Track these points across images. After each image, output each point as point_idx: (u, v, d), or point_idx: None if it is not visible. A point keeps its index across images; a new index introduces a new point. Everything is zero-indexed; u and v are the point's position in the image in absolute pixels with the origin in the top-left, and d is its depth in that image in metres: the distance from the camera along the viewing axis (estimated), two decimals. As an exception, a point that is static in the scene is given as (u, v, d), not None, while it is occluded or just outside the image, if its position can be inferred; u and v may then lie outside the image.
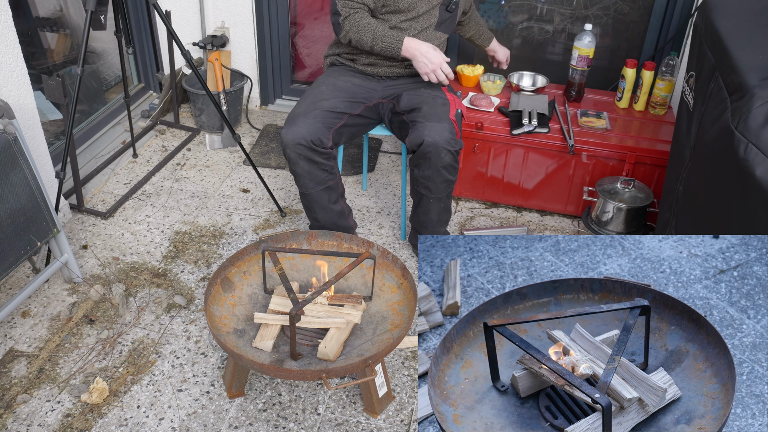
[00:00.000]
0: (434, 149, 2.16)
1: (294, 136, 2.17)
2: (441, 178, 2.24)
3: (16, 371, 2.02)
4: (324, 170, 2.26)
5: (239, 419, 1.90)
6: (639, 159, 2.61)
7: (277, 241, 2.11)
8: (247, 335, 1.89)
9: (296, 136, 2.16)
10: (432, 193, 2.30)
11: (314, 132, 2.17)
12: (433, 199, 2.32)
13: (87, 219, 2.71)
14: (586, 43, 2.79)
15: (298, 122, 2.19)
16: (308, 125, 2.18)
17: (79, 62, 2.34)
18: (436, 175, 2.23)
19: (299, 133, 2.17)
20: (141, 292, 2.34)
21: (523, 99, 2.84)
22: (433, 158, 2.18)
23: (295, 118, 2.21)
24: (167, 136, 3.32)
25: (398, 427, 1.89)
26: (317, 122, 2.20)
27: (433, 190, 2.29)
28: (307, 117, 2.20)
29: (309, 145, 2.17)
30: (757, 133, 1.46)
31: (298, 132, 2.17)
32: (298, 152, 2.18)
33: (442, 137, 2.15)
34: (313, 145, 2.17)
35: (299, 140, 2.16)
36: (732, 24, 1.85)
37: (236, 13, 3.32)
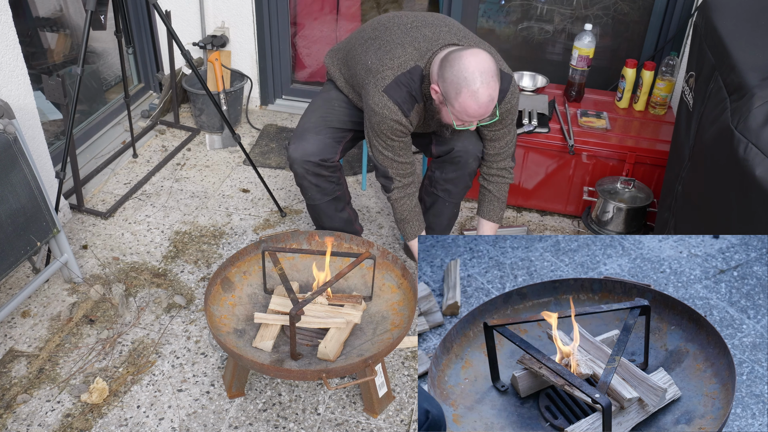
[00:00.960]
0: (464, 155, 2.15)
1: (303, 153, 2.13)
2: (463, 183, 2.24)
3: (16, 371, 2.02)
4: (331, 182, 2.23)
5: (239, 419, 1.90)
6: (639, 159, 2.61)
7: (277, 241, 2.11)
8: (247, 335, 1.89)
9: (305, 153, 2.13)
10: (450, 197, 2.29)
11: (323, 149, 2.14)
12: (449, 202, 2.31)
13: (87, 219, 2.71)
14: (586, 43, 2.79)
15: (307, 138, 2.14)
16: (317, 142, 2.14)
17: (79, 62, 2.34)
18: (459, 180, 2.22)
19: (308, 149, 2.13)
20: (141, 292, 2.34)
21: (523, 99, 2.84)
22: (461, 164, 2.17)
23: (304, 134, 2.16)
24: (167, 136, 3.32)
25: (398, 427, 1.89)
26: (326, 138, 2.16)
27: (453, 193, 2.27)
28: (317, 133, 2.15)
29: (317, 161, 2.14)
30: (757, 133, 1.46)
31: (307, 148, 2.13)
32: (306, 168, 2.15)
33: (472, 144, 2.14)
34: (321, 161, 2.14)
35: (308, 157, 2.13)
36: (732, 24, 1.85)
37: (236, 13, 3.32)
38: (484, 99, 1.78)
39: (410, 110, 1.97)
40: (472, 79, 1.76)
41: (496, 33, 3.24)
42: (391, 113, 1.95)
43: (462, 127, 1.89)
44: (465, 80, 1.76)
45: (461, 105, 1.80)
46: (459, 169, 2.19)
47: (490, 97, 1.79)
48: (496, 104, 1.86)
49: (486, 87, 1.77)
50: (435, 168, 2.26)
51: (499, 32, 3.24)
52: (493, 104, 1.83)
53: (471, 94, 1.77)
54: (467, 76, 1.76)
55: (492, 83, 1.78)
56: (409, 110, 1.97)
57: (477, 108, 1.80)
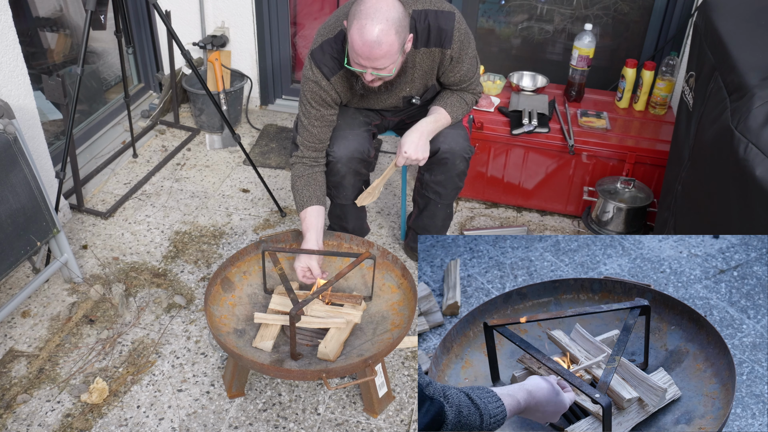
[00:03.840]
0: (451, 156, 2.13)
1: (348, 150, 2.10)
2: (453, 184, 2.23)
3: (16, 371, 2.02)
4: (365, 179, 2.25)
5: (239, 419, 1.90)
6: (639, 159, 2.61)
7: (277, 241, 2.11)
8: (247, 335, 1.89)
9: (350, 150, 2.10)
10: (441, 199, 2.28)
11: (362, 143, 2.13)
12: (441, 204, 2.31)
13: (87, 219, 2.71)
14: (586, 43, 2.79)
15: (347, 136, 2.12)
16: (357, 137, 2.13)
17: (79, 62, 2.34)
18: (448, 182, 2.21)
19: (351, 146, 2.11)
20: (141, 292, 2.34)
21: (523, 99, 2.84)
22: (448, 165, 2.16)
23: (342, 132, 2.13)
24: (167, 136, 3.32)
25: (398, 427, 1.89)
26: (363, 133, 2.15)
27: (443, 195, 2.27)
28: (353, 129, 2.14)
29: (361, 158, 2.13)
30: (757, 133, 1.46)
31: (351, 146, 2.11)
32: (350, 166, 2.13)
33: (458, 144, 2.13)
34: (365, 157, 2.14)
35: (352, 154, 2.11)
36: (732, 24, 1.85)
37: (236, 13, 3.32)
38: (369, 36, 1.72)
39: (331, 74, 1.98)
40: (365, 14, 1.72)
41: (496, 33, 3.24)
42: (312, 75, 1.98)
43: (358, 70, 1.85)
44: (359, 13, 1.74)
45: (350, 38, 1.77)
46: (447, 171, 2.18)
47: (377, 39, 1.73)
48: (395, 66, 1.82)
49: (375, 25, 1.72)
50: (424, 170, 2.25)
51: (499, 32, 3.24)
52: (382, 51, 1.76)
53: (359, 28, 1.74)
54: (362, 10, 1.73)
55: (386, 27, 1.72)
56: (330, 73, 1.98)
57: (361, 45, 1.75)
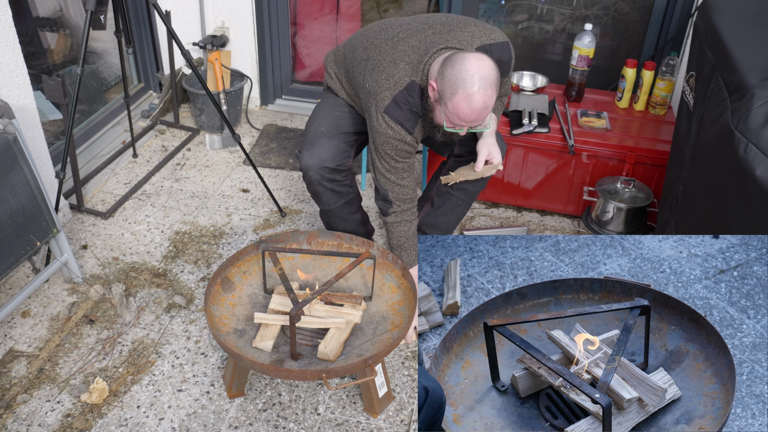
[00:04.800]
0: None
1: (318, 159, 2.09)
2: (483, 182, 2.23)
3: (16, 371, 2.02)
4: (344, 185, 2.20)
5: (239, 419, 1.90)
6: (639, 159, 2.61)
7: (277, 241, 2.11)
8: (247, 335, 1.89)
9: (320, 159, 2.09)
10: (466, 196, 2.27)
11: (337, 154, 2.11)
12: (463, 201, 2.29)
13: (87, 219, 2.71)
14: (586, 43, 2.79)
15: (321, 144, 2.10)
16: (332, 147, 2.10)
17: (79, 62, 2.34)
18: (479, 180, 2.20)
19: (323, 155, 2.09)
20: (141, 292, 2.34)
21: (523, 99, 2.84)
22: None
23: (317, 140, 2.12)
24: (167, 136, 3.32)
25: (398, 427, 1.89)
26: (340, 143, 2.12)
27: (470, 192, 2.26)
28: (331, 138, 2.11)
29: (332, 167, 2.10)
30: (757, 133, 1.46)
31: (322, 155, 2.09)
32: (321, 175, 2.11)
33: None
34: (337, 167, 2.11)
35: (323, 163, 2.09)
36: (732, 24, 1.85)
37: (236, 13, 3.32)
38: (477, 105, 1.76)
39: (413, 127, 1.96)
40: (471, 82, 1.74)
41: (496, 33, 3.25)
42: (395, 133, 1.93)
43: (452, 129, 1.86)
44: (463, 82, 1.75)
45: (454, 106, 1.78)
46: None
47: (484, 105, 1.77)
48: (491, 114, 1.82)
49: (482, 93, 1.75)
50: (451, 169, 2.23)
51: (499, 32, 3.24)
52: (486, 113, 1.80)
53: (466, 97, 1.75)
54: (466, 78, 1.74)
55: (489, 91, 1.76)
56: (412, 127, 1.95)
57: (469, 113, 1.78)
